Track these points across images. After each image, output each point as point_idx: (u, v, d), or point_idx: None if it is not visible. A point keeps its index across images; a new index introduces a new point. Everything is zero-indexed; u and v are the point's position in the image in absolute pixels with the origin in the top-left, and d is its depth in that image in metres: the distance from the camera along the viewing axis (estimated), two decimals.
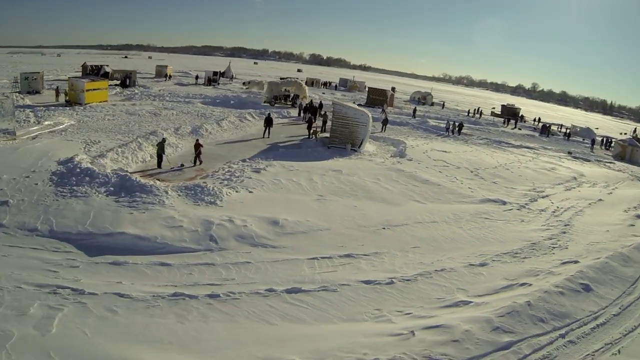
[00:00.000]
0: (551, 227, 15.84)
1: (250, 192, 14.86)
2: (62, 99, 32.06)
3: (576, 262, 12.38)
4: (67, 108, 29.02)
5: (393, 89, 70.96)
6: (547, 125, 52.40)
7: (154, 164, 18.58)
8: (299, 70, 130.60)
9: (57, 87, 33.58)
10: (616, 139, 48.26)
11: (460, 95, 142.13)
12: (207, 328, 7.63)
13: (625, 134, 59.44)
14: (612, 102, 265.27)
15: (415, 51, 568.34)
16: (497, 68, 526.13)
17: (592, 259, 12.50)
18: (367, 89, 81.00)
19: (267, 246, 11.14)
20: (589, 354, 8.18)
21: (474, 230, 14.62)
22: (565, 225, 16.09)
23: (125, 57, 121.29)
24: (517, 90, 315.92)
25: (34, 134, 22.37)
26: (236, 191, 14.62)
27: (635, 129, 50.54)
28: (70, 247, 10.80)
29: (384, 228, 13.38)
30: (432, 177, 20.84)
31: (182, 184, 14.85)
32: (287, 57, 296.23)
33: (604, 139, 48.18)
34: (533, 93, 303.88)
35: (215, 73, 55.85)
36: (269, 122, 26.20)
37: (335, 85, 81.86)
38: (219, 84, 54.87)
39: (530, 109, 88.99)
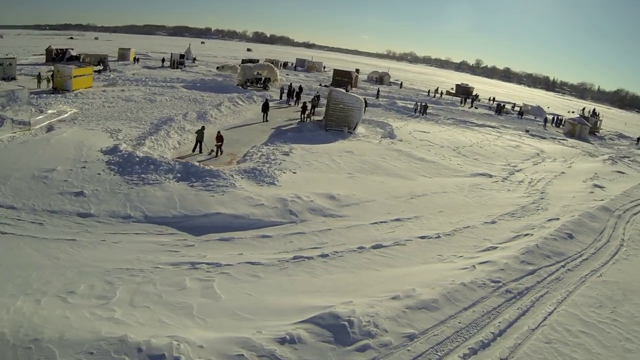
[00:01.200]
0: (531, 195, 20.21)
1: (294, 173, 17.82)
2: (44, 85, 32.55)
3: (557, 219, 16.57)
4: (59, 95, 29.79)
5: (357, 70, 74.55)
6: (502, 104, 58.52)
7: (185, 149, 20.86)
8: (248, 50, 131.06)
9: (39, 73, 33.82)
10: (564, 117, 55.19)
11: (409, 72, 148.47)
12: (336, 278, 10.53)
13: (574, 112, 67.27)
14: (554, 78, 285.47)
15: (358, 27, 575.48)
16: (441, 44, 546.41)
17: (569, 217, 16.75)
18: (325, 69, 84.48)
19: (335, 216, 14.30)
20: (581, 277, 12.20)
21: (476, 198, 18.62)
22: (541, 193, 20.51)
23: (71, 37, 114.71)
24: (462, 67, 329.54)
25: (44, 123, 23.53)
26: (284, 172, 17.53)
27: (584, 108, 57.88)
28: (172, 229, 12.79)
29: (411, 198, 16.99)
30: (426, 156, 24.72)
31: (238, 167, 17.54)
32: (231, 35, 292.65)
33: (555, 117, 54.93)
34: (477, 69, 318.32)
35: (182, 56, 56.66)
36: (266, 107, 28.89)
37: (295, 66, 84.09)
38: (185, 66, 55.73)
39: (476, 85, 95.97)
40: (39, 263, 10.23)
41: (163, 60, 58.06)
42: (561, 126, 50.55)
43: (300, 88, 40.16)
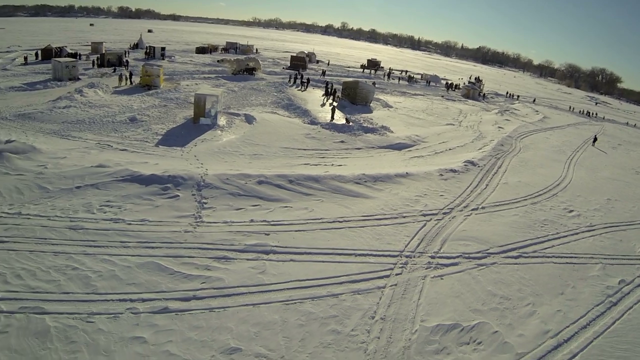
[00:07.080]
0: (476, 133, 46.41)
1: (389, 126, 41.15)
2: (123, 83, 44.48)
3: (493, 140, 42.81)
4: (158, 91, 42.35)
5: (308, 55, 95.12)
6: (412, 76, 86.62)
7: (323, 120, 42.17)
8: (149, 31, 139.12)
9: (121, 73, 46.58)
10: (452, 81, 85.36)
11: (287, 42, 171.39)
12: (454, 156, 34.75)
13: (462, 79, 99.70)
14: (419, 37, 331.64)
15: None
16: (305, 8, 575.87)
17: (497, 139, 43.11)
18: (257, 51, 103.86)
19: (425, 142, 38.17)
20: (513, 156, 38.14)
21: (457, 134, 44.17)
22: (479, 132, 46.92)
23: None
24: (328, 30, 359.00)
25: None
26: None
27: (472, 76, 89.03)
28: (390, 149, 34.31)
29: (439, 134, 41.75)
30: (419, 116, 49.74)
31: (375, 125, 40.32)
32: (96, 12, 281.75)
33: (451, 84, 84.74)
34: (343, 32, 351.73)
35: (163, 48, 70.98)
36: (328, 92, 50.80)
37: (228, 50, 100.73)
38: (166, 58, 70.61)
39: (346, 51, 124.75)
40: (374, 164, 32.59)
41: (146, 52, 69.40)
42: (456, 90, 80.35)
43: (302, 75, 61.36)
